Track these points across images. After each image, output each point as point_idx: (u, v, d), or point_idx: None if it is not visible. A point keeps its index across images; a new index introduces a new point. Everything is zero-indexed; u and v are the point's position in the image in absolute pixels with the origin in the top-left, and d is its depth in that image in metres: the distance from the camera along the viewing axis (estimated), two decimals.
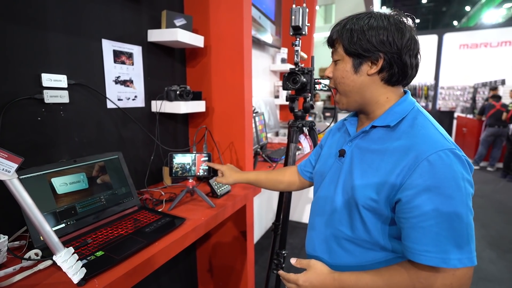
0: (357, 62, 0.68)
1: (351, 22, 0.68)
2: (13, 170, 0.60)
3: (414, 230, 0.59)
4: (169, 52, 1.48)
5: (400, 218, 0.61)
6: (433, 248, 0.57)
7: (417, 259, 0.58)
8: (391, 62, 0.66)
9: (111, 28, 1.17)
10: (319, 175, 0.83)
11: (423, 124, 0.65)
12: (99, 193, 1.01)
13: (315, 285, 0.68)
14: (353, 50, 0.67)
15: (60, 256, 0.65)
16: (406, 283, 0.60)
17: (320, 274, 0.69)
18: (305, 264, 0.72)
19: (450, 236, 0.56)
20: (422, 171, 0.58)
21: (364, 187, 0.66)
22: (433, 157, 0.58)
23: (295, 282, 0.70)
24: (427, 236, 0.57)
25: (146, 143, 1.38)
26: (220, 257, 1.72)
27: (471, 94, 7.45)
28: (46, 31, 0.96)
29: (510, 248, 2.64)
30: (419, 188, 0.58)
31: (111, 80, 1.18)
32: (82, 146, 1.10)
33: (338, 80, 0.72)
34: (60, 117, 1.02)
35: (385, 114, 0.69)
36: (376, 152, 0.67)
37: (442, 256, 0.56)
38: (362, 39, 0.65)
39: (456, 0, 14.31)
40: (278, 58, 2.77)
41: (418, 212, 0.58)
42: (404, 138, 0.64)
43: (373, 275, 0.63)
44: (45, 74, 0.96)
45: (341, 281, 0.66)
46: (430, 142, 0.60)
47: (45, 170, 0.89)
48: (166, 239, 0.90)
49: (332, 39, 0.72)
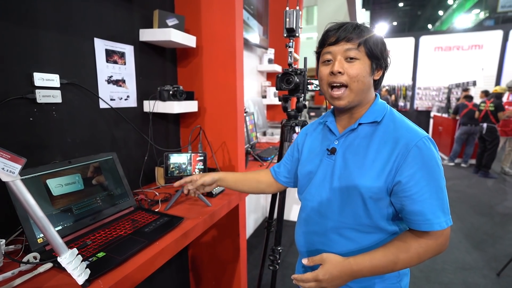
0: (375, 65, 0.75)
1: (365, 28, 0.74)
2: (17, 171, 0.59)
3: (415, 205, 0.69)
4: (160, 52, 1.47)
5: (402, 197, 0.70)
6: (431, 216, 0.68)
7: (422, 228, 0.69)
8: (384, 71, 0.77)
9: (103, 27, 1.15)
10: (305, 175, 0.86)
11: (401, 119, 0.77)
12: (95, 194, 1.00)
13: (335, 275, 0.69)
14: (376, 53, 0.73)
15: (65, 258, 0.64)
16: (412, 251, 0.70)
17: (336, 264, 0.70)
18: (318, 260, 0.72)
19: (439, 204, 0.68)
20: (414, 155, 0.68)
21: (366, 179, 0.72)
22: (419, 143, 0.69)
23: (315, 278, 0.69)
24: (425, 208, 0.68)
25: (139, 144, 1.37)
26: (212, 255, 1.73)
27: (445, 95, 7.85)
28: (38, 29, 0.93)
29: (483, 239, 2.82)
30: (414, 169, 0.68)
31: (103, 80, 1.17)
32: (75, 147, 1.08)
33: (358, 78, 0.72)
34: (52, 117, 1.00)
35: (369, 112, 0.77)
36: (369, 145, 0.74)
37: (437, 221, 0.68)
38: (382, 45, 0.75)
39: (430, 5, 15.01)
40: (265, 58, 2.81)
41: (416, 189, 0.68)
42: (391, 130, 0.74)
43: (383, 251, 0.70)
44: (37, 73, 0.93)
45: (357, 264, 0.70)
46: (413, 132, 0.71)
47: (40, 172, 0.87)
48: (166, 238, 0.91)
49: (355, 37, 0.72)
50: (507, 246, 2.69)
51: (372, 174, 0.71)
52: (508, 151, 4.95)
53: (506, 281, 2.16)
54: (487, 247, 2.67)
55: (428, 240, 0.70)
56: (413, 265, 0.71)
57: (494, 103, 4.75)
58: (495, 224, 3.15)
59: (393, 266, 0.70)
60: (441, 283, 2.14)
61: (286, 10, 1.10)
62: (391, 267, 0.70)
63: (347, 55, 0.73)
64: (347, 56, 0.73)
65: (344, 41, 0.72)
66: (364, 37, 0.72)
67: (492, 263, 2.40)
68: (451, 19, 14.13)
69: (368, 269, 0.69)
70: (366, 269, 0.69)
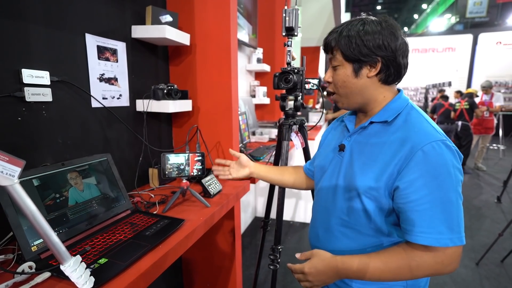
0: (357, 67, 0.72)
1: (347, 28, 0.72)
2: (17, 174, 0.54)
3: (411, 214, 0.64)
4: (152, 49, 1.42)
5: (399, 204, 0.66)
6: (428, 229, 0.63)
7: (414, 239, 0.64)
8: (387, 64, 0.71)
9: (95, 22, 1.10)
10: (320, 169, 0.88)
11: (417, 118, 0.71)
12: (90, 197, 0.95)
13: (320, 270, 0.71)
14: (352, 56, 0.71)
15: (69, 266, 0.60)
16: (403, 262, 0.66)
17: (323, 259, 0.72)
18: (309, 254, 0.75)
19: (442, 218, 0.62)
20: (417, 160, 0.63)
21: (364, 178, 0.71)
22: (427, 147, 0.63)
23: (301, 270, 0.73)
24: (422, 218, 0.63)
25: (132, 144, 1.32)
26: (206, 256, 1.70)
27: (423, 94, 8.19)
28: (26, 22, 0.87)
29: None
30: (416, 175, 0.63)
31: (95, 78, 1.11)
32: (66, 148, 1.02)
33: (340, 84, 0.75)
34: (42, 117, 0.94)
35: (383, 111, 0.75)
36: (374, 145, 0.73)
37: (435, 236, 0.62)
38: (360, 45, 0.69)
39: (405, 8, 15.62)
40: (254, 58, 2.80)
41: (414, 197, 0.63)
42: (400, 131, 0.70)
43: (373, 257, 0.69)
44: (25, 69, 0.87)
45: (344, 263, 0.70)
46: (424, 134, 0.66)
47: (32, 175, 0.81)
48: (170, 241, 0.88)
49: (330, 46, 0.75)
50: (483, 236, 2.84)
51: (372, 175, 0.69)
52: (481, 148, 5.24)
53: (484, 270, 2.29)
54: (466, 239, 2.80)
55: (424, 254, 0.64)
56: (405, 278, 0.67)
57: (468, 102, 5.02)
58: (471, 216, 3.32)
59: (380, 274, 0.66)
60: None
61: (285, 8, 1.10)
62: (378, 275, 0.67)
63: (331, 63, 0.76)
64: (332, 65, 0.76)
65: (328, 51, 0.76)
66: (336, 42, 0.72)
67: (471, 253, 2.53)
68: (425, 23, 14.78)
69: (354, 271, 0.68)
70: (351, 271, 0.68)
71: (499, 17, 10.53)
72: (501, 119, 6.29)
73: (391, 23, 0.71)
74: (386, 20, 0.71)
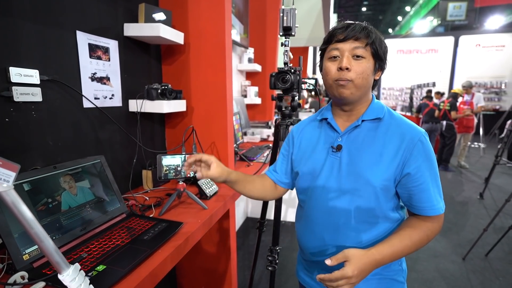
0: (378, 66, 0.78)
1: (373, 30, 0.77)
2: (12, 180, 0.51)
3: (423, 193, 0.75)
4: (145, 48, 1.39)
5: (410, 187, 0.75)
6: (434, 203, 0.75)
7: (429, 213, 0.75)
8: (382, 71, 0.81)
9: (86, 19, 1.06)
10: (307, 173, 0.85)
11: (399, 117, 0.82)
12: (84, 201, 0.91)
13: (363, 269, 0.68)
14: (381, 55, 0.77)
15: (68, 275, 0.57)
16: (422, 234, 0.76)
17: (361, 258, 0.69)
18: (342, 257, 0.69)
19: (438, 191, 0.77)
20: (419, 149, 0.74)
21: (376, 172, 0.75)
22: (422, 138, 0.75)
23: (345, 276, 0.66)
24: (430, 195, 0.75)
25: (125, 146, 1.28)
26: (200, 259, 1.67)
27: (408, 94, 8.40)
28: (14, 18, 0.83)
29: (448, 227, 3.05)
30: (419, 161, 0.74)
31: (87, 77, 1.07)
32: (57, 150, 0.97)
33: (363, 75, 0.75)
34: (31, 117, 0.89)
35: (370, 110, 0.81)
36: (373, 141, 0.78)
37: (438, 206, 0.75)
38: (385, 48, 0.78)
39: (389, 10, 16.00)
40: (245, 57, 2.78)
41: (422, 179, 0.74)
42: (393, 126, 0.78)
43: (398, 238, 0.74)
44: (14, 68, 0.83)
45: (380, 253, 0.71)
46: (415, 128, 0.77)
47: (23, 179, 0.77)
48: (169, 244, 0.85)
49: (366, 36, 0.74)
50: (468, 232, 2.94)
51: (382, 167, 0.75)
52: (463, 146, 5.43)
53: (470, 264, 2.37)
54: (452, 235, 2.89)
55: (433, 223, 0.77)
56: (423, 246, 0.77)
57: (450, 103, 5.19)
58: (457, 213, 3.43)
59: (408, 250, 0.74)
60: (417, 271, 2.29)
61: (283, 8, 1.09)
62: (407, 250, 0.75)
63: (354, 53, 0.75)
64: (354, 54, 0.75)
65: (353, 39, 0.75)
66: (371, 38, 0.75)
67: (458, 249, 2.61)
68: (409, 25, 15.18)
69: (389, 255, 0.72)
70: (387, 256, 0.72)
71: (477, 21, 10.96)
72: (481, 119, 6.54)
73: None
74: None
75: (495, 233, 2.75)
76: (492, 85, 8.93)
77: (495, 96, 8.96)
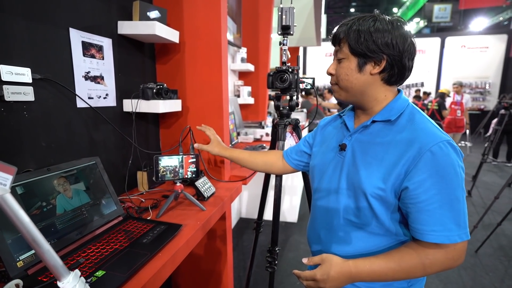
0: (362, 62, 0.71)
1: (358, 23, 0.71)
2: (9, 183, 0.48)
3: (421, 213, 0.65)
4: (139, 46, 1.36)
5: (407, 204, 0.67)
6: (438, 228, 0.64)
7: (425, 238, 0.65)
8: (392, 64, 0.70)
9: (79, 16, 1.02)
10: (318, 169, 0.86)
11: (422, 119, 0.72)
12: (79, 204, 0.88)
13: (333, 276, 0.68)
14: (359, 50, 0.70)
15: (68, 282, 0.55)
16: (415, 261, 0.66)
17: (335, 264, 0.69)
18: (318, 260, 0.71)
19: (451, 216, 0.64)
20: (426, 161, 0.64)
21: (371, 178, 0.70)
22: (434, 148, 0.64)
23: (313, 277, 0.69)
24: (432, 217, 0.64)
25: (120, 147, 1.25)
26: (196, 261, 1.65)
27: None
28: (5, 14, 0.79)
29: None
30: (425, 175, 0.64)
31: (80, 76, 1.03)
32: (50, 152, 0.94)
33: (342, 77, 0.75)
34: (23, 118, 0.85)
35: (385, 110, 0.74)
36: (379, 144, 0.72)
37: (445, 234, 0.64)
38: (368, 40, 0.69)
39: None
40: (238, 57, 2.77)
41: (424, 197, 0.64)
42: (406, 131, 0.70)
43: (385, 258, 0.68)
44: (4, 66, 0.79)
45: (356, 267, 0.68)
46: (431, 135, 0.67)
47: (16, 182, 0.73)
48: (169, 247, 0.83)
49: (338, 38, 0.74)
50: None
51: (378, 175, 0.69)
52: None
53: None
54: None
55: (436, 252, 0.65)
56: (417, 276, 0.68)
57: (438, 103, 5.31)
58: None
59: (394, 274, 0.67)
60: None
61: (281, 7, 1.09)
62: (391, 275, 0.67)
63: (337, 56, 0.76)
64: (337, 58, 0.76)
65: (336, 42, 0.75)
66: (347, 36, 0.71)
67: None
68: None
69: (367, 273, 0.68)
70: (365, 274, 0.68)
71: (461, 22, 11.25)
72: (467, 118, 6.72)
73: (402, 24, 0.72)
74: (398, 20, 0.71)
75: (483, 229, 2.82)
76: (477, 85, 9.19)
77: (479, 96, 9.22)
